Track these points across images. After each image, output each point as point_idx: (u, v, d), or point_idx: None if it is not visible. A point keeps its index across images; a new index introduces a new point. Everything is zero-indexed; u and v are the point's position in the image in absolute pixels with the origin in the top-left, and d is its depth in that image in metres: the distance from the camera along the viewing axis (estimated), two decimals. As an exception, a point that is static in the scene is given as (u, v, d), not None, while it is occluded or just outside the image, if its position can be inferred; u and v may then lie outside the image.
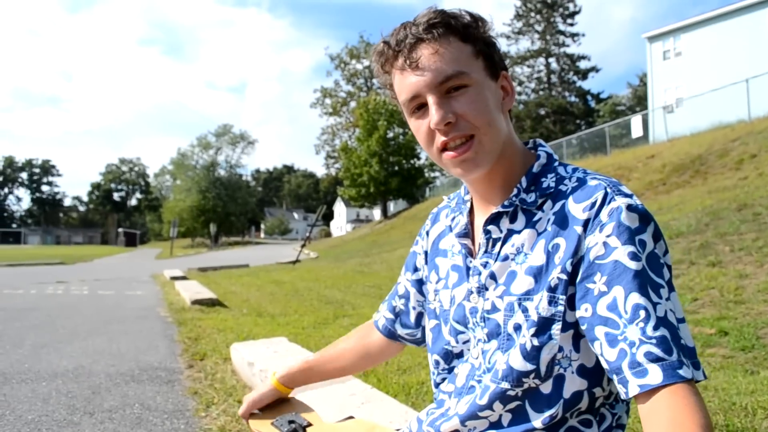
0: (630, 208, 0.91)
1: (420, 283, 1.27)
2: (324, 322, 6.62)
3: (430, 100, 0.98)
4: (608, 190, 0.94)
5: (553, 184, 1.03)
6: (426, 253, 1.26)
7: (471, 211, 1.15)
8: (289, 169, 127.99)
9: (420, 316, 1.29)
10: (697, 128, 19.91)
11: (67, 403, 3.60)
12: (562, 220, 0.97)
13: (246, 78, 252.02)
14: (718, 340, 4.21)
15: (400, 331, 1.33)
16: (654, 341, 0.82)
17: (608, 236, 0.90)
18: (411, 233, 24.69)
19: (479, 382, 1.05)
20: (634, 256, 0.88)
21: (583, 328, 0.92)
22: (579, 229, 0.94)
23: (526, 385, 0.98)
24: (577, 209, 0.96)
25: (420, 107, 1.02)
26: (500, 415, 1.01)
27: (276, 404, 1.38)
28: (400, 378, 3.79)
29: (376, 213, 57.50)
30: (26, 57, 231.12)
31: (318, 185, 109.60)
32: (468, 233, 1.13)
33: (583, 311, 0.91)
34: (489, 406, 1.01)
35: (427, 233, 1.27)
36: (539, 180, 1.04)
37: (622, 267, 0.88)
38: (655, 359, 0.82)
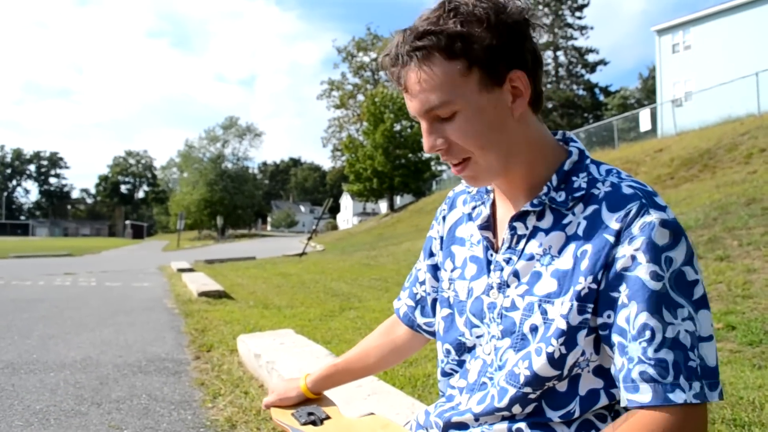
0: (663, 223, 0.89)
1: (435, 269, 1.24)
2: (330, 315, 6.63)
3: (422, 125, 0.98)
4: (644, 201, 0.92)
5: (584, 185, 0.99)
6: (441, 238, 1.22)
7: (493, 202, 1.12)
8: (295, 162, 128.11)
9: (435, 303, 1.24)
10: (706, 122, 19.80)
11: (75, 393, 3.62)
12: (594, 227, 0.95)
13: (255, 71, 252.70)
14: (725, 334, 4.20)
15: (420, 319, 1.28)
16: (652, 362, 0.85)
17: (636, 250, 0.89)
18: (418, 226, 24.66)
19: (491, 379, 1.04)
20: (655, 276, 0.87)
21: (604, 333, 0.93)
22: (611, 239, 0.92)
23: (546, 387, 0.98)
24: (610, 218, 0.93)
25: None
26: (516, 414, 1.01)
27: None
28: (407, 370, 3.79)
29: (383, 206, 57.40)
30: (35, 50, 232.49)
31: (324, 178, 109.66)
32: (490, 226, 1.10)
33: (605, 317, 0.92)
34: (508, 408, 1.00)
35: (444, 218, 1.23)
36: (570, 178, 1.00)
37: (641, 284, 0.87)
38: (649, 379, 0.85)
